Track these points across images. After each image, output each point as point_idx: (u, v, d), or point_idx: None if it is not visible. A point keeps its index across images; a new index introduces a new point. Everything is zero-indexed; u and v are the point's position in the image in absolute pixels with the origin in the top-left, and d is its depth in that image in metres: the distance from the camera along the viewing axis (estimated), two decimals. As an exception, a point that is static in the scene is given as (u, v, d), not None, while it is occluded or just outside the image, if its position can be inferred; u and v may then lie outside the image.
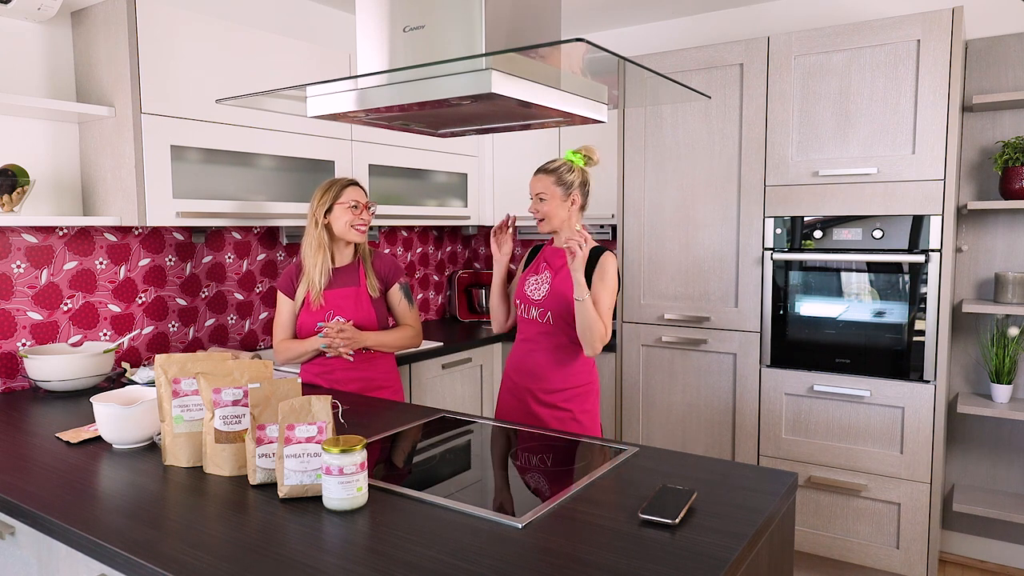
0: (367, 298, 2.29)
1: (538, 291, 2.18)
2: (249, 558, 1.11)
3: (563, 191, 2.15)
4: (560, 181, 2.14)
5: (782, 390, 2.84)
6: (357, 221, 2.24)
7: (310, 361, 2.31)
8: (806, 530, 2.83)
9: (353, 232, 2.25)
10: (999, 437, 2.90)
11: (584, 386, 2.18)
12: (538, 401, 2.16)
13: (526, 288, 2.23)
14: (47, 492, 1.40)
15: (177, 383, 1.54)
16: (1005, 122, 2.80)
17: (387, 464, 1.56)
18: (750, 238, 2.88)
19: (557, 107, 1.68)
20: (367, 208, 2.28)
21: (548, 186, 2.14)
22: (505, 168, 3.70)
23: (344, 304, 2.26)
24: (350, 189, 2.26)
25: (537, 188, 2.16)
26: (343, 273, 2.31)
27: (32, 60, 2.32)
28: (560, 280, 2.14)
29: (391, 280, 2.37)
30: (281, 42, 2.65)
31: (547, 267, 2.21)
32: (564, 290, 2.11)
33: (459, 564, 1.09)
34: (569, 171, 2.15)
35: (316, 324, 2.25)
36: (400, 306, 2.38)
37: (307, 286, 2.26)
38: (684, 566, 1.08)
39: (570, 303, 2.09)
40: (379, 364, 2.33)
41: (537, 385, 2.16)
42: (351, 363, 2.27)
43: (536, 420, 2.16)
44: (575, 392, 2.16)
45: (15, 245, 2.28)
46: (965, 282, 2.92)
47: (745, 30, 3.33)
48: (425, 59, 1.62)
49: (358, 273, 2.32)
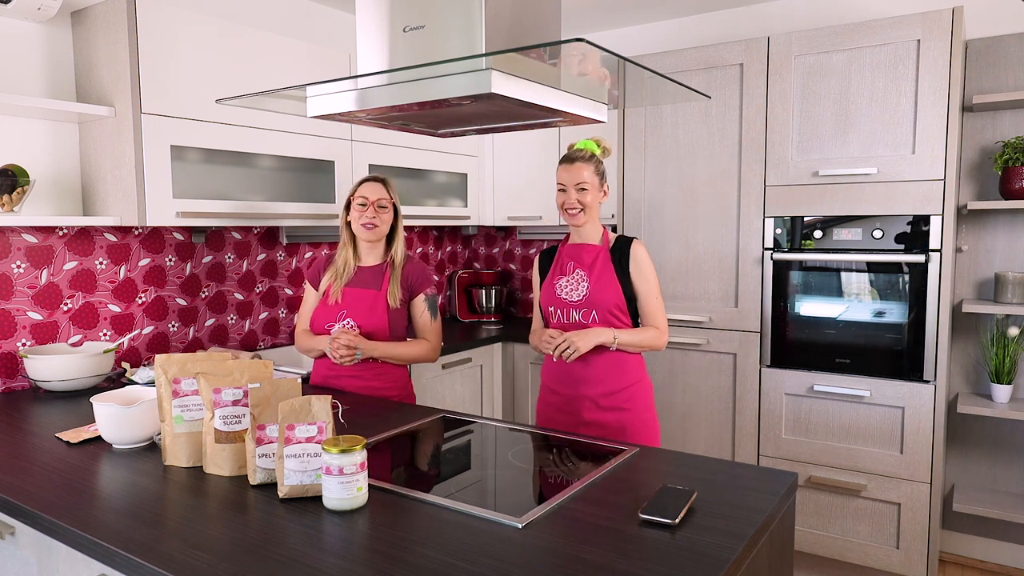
0: (384, 305, 2.20)
1: (576, 292, 2.07)
2: (249, 558, 1.11)
3: (600, 181, 2.06)
4: (598, 171, 2.05)
5: (782, 390, 2.84)
6: (364, 219, 2.20)
7: (321, 362, 2.28)
8: (806, 530, 2.83)
9: (360, 230, 2.21)
10: (999, 437, 2.90)
11: (641, 382, 2.09)
12: (598, 407, 2.06)
13: (559, 292, 2.11)
14: (47, 492, 1.40)
15: (177, 383, 1.54)
16: (1005, 122, 2.80)
17: (387, 464, 1.56)
18: (750, 238, 2.88)
19: (557, 107, 1.68)
20: (375, 205, 2.20)
21: (591, 175, 2.03)
22: (505, 168, 3.70)
23: (359, 306, 2.20)
24: (365, 185, 2.22)
25: (579, 178, 2.03)
26: (368, 274, 2.25)
27: (32, 60, 2.32)
28: (597, 275, 2.06)
29: (417, 289, 2.27)
30: (281, 42, 2.65)
31: (576, 265, 2.10)
32: (604, 284, 2.05)
33: (459, 564, 1.09)
34: (600, 161, 2.08)
35: (326, 322, 2.22)
36: (422, 318, 2.28)
37: (331, 277, 2.24)
38: (684, 566, 1.08)
39: (613, 296, 2.03)
40: (388, 374, 2.24)
41: (594, 390, 2.05)
42: (357, 371, 2.21)
43: (594, 428, 2.05)
44: (635, 389, 2.07)
45: (15, 245, 2.28)
46: (965, 282, 2.92)
47: (745, 30, 3.33)
48: (425, 59, 1.62)
49: (382, 277, 2.25)
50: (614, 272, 2.06)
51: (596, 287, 2.05)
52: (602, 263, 2.07)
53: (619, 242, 2.09)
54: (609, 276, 2.06)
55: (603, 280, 2.05)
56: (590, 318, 2.06)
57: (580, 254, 2.12)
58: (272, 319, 3.10)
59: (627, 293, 2.06)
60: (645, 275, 2.06)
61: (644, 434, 2.09)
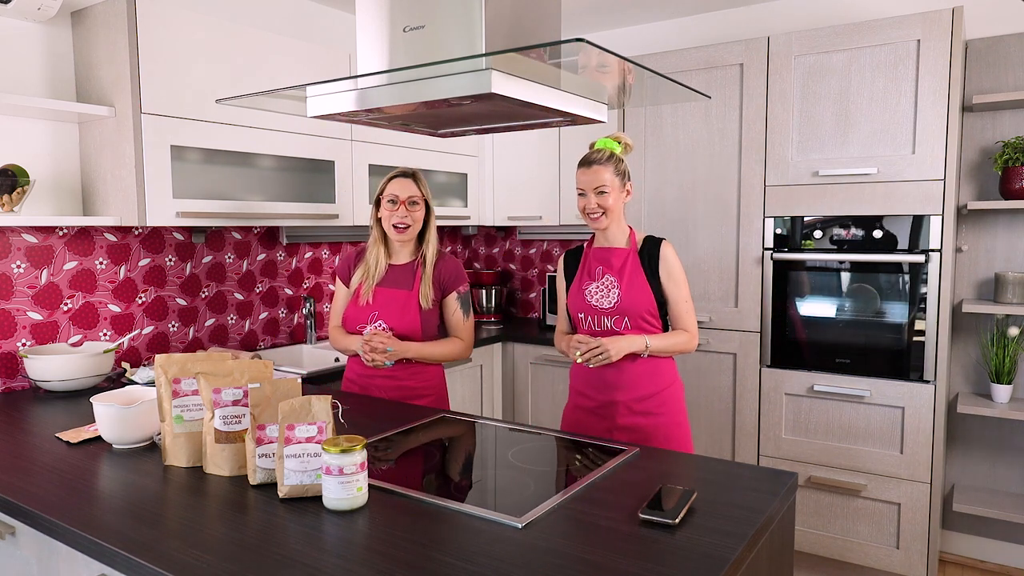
0: (416, 306, 2.15)
1: (606, 299, 2.02)
2: (249, 558, 1.11)
3: (621, 181, 2.00)
4: (618, 171, 1.99)
5: (782, 390, 2.84)
6: (394, 218, 2.12)
7: (355, 361, 2.24)
8: (806, 530, 2.83)
9: (392, 231, 2.14)
10: (999, 437, 2.90)
11: (673, 385, 2.05)
12: (631, 411, 2.01)
13: (589, 298, 2.05)
14: (47, 492, 1.40)
15: (177, 383, 1.54)
16: (1005, 122, 2.80)
17: (387, 464, 1.56)
18: (750, 238, 2.88)
19: (557, 107, 1.68)
20: (405, 204, 2.12)
21: (611, 177, 1.97)
22: (505, 168, 3.70)
23: (390, 307, 2.15)
24: (393, 182, 2.14)
25: (598, 181, 1.97)
26: (399, 272, 2.20)
27: (32, 60, 2.32)
28: (628, 281, 2.01)
29: (450, 288, 2.21)
30: (281, 42, 2.65)
31: (607, 270, 2.04)
32: (635, 291, 2.00)
33: (459, 564, 1.09)
34: (621, 159, 2.01)
35: (358, 323, 2.18)
36: (454, 316, 2.22)
37: (361, 276, 2.19)
38: (684, 566, 1.08)
39: (645, 303, 1.99)
40: (421, 374, 2.20)
41: (627, 396, 2.01)
42: (391, 372, 2.16)
43: (627, 434, 2.02)
44: (668, 394, 2.04)
45: (15, 245, 2.28)
46: (965, 282, 2.92)
47: (745, 30, 3.33)
48: (425, 59, 1.62)
49: (414, 277, 2.19)
50: (644, 277, 2.01)
51: (627, 294, 2.00)
52: (632, 268, 2.02)
53: (647, 244, 2.04)
54: (640, 282, 2.01)
55: (634, 286, 2.00)
56: (622, 325, 2.01)
57: (609, 258, 2.06)
58: (272, 319, 3.10)
59: (658, 298, 2.02)
60: (675, 278, 2.02)
61: (677, 437, 2.05)
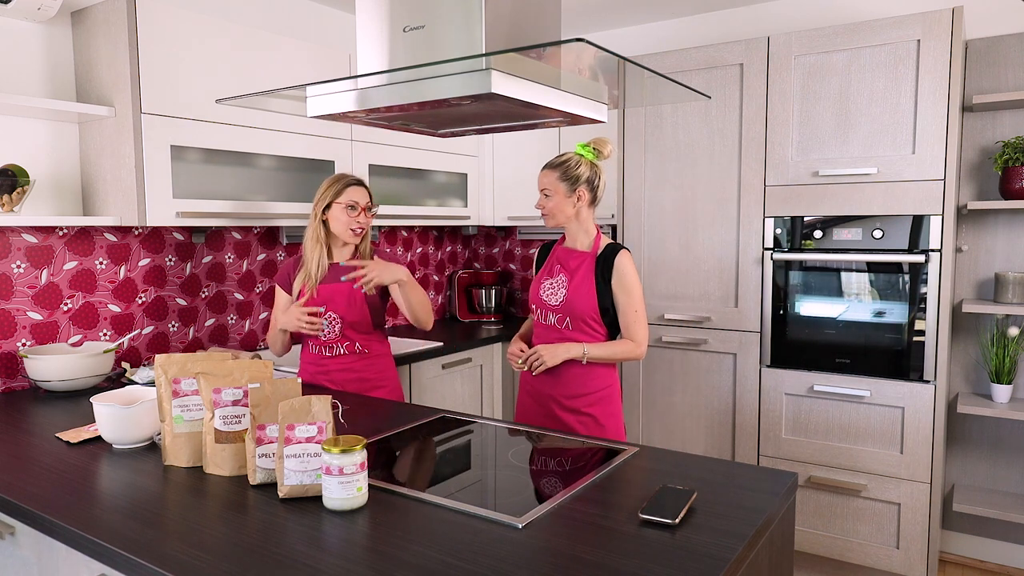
0: (360, 296, 2.26)
1: (555, 296, 2.14)
2: (249, 558, 1.11)
3: (568, 187, 2.10)
4: (565, 176, 2.10)
5: (782, 390, 2.84)
6: (353, 224, 2.22)
7: (307, 356, 2.31)
8: (806, 530, 2.83)
9: (349, 234, 2.23)
10: (999, 437, 2.90)
11: (605, 389, 2.14)
12: (561, 407, 2.13)
13: (542, 293, 2.18)
14: (47, 492, 1.40)
15: (177, 383, 1.54)
16: (1005, 122, 2.80)
17: (387, 464, 1.56)
18: (750, 238, 2.88)
19: (557, 107, 1.68)
20: (366, 211, 2.25)
21: (552, 182, 2.10)
22: (505, 168, 3.70)
23: (336, 300, 2.25)
24: (352, 189, 2.23)
25: (542, 184, 2.13)
26: (340, 269, 2.30)
27: (32, 60, 2.32)
28: (576, 284, 2.10)
29: None
30: (281, 42, 2.65)
31: (562, 270, 2.16)
32: (581, 294, 2.09)
33: (459, 564, 1.09)
34: (576, 166, 2.10)
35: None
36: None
37: (303, 278, 2.26)
38: (684, 566, 1.08)
39: (588, 306, 2.08)
40: (376, 364, 2.32)
41: (559, 391, 2.13)
42: (347, 362, 2.26)
43: (560, 425, 2.13)
44: (598, 396, 2.13)
45: (15, 245, 2.28)
46: (965, 282, 2.92)
47: (745, 30, 3.33)
48: (425, 59, 1.62)
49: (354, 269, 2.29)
50: (594, 282, 2.09)
51: (573, 295, 2.10)
52: (584, 271, 2.11)
53: (607, 251, 2.11)
54: (588, 286, 2.09)
55: (581, 289, 2.09)
56: (564, 323, 2.13)
57: (568, 259, 2.16)
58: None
59: (606, 304, 2.10)
60: (626, 287, 2.09)
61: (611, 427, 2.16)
